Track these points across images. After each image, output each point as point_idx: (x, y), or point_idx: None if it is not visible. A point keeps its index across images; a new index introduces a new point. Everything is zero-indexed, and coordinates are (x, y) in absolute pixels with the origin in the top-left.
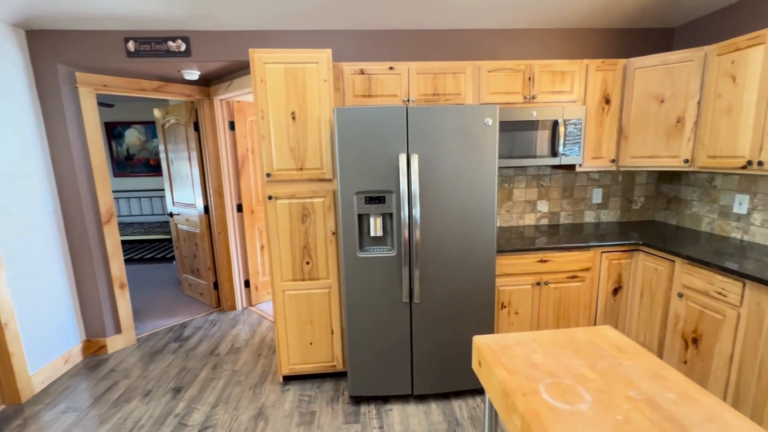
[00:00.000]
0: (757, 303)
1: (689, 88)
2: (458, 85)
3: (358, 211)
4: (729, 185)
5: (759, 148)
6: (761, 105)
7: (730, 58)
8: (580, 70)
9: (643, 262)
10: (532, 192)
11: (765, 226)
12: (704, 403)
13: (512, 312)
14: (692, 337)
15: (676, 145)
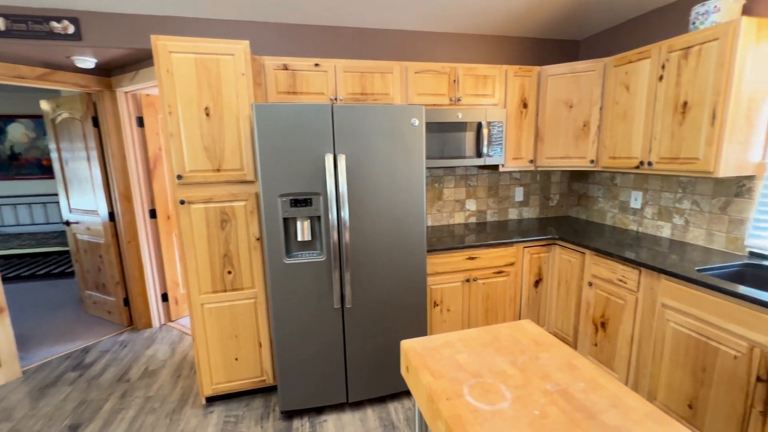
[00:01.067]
0: (650, 288)
1: (593, 95)
2: (386, 85)
3: (284, 215)
4: (626, 183)
5: (648, 149)
6: (648, 112)
7: (624, 69)
8: (500, 75)
9: (559, 255)
10: (460, 191)
11: (654, 218)
12: (609, 389)
13: (444, 309)
14: (601, 322)
15: (583, 146)
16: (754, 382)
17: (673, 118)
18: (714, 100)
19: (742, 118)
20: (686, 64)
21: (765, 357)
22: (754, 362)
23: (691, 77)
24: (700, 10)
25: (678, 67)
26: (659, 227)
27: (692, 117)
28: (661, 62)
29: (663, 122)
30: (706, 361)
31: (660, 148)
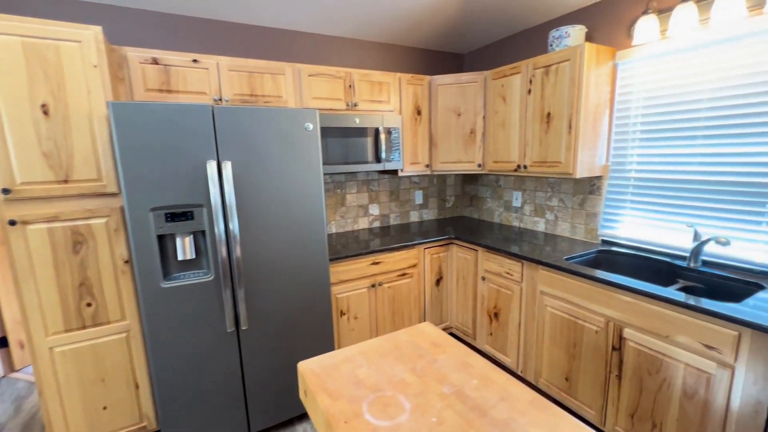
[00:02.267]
0: (531, 278)
1: (477, 105)
2: (278, 87)
3: (158, 232)
4: (508, 184)
5: (523, 154)
6: (521, 121)
7: (501, 82)
8: (395, 82)
9: (456, 253)
10: (363, 196)
11: (532, 215)
12: (499, 382)
13: (351, 318)
14: (494, 312)
15: (471, 152)
16: (610, 351)
17: (540, 127)
18: (569, 112)
19: (589, 128)
20: (548, 80)
21: (617, 329)
22: (609, 335)
23: (552, 92)
24: (555, 34)
25: (542, 82)
26: (536, 222)
27: (555, 126)
28: (528, 77)
29: (533, 130)
30: (576, 337)
31: (532, 153)
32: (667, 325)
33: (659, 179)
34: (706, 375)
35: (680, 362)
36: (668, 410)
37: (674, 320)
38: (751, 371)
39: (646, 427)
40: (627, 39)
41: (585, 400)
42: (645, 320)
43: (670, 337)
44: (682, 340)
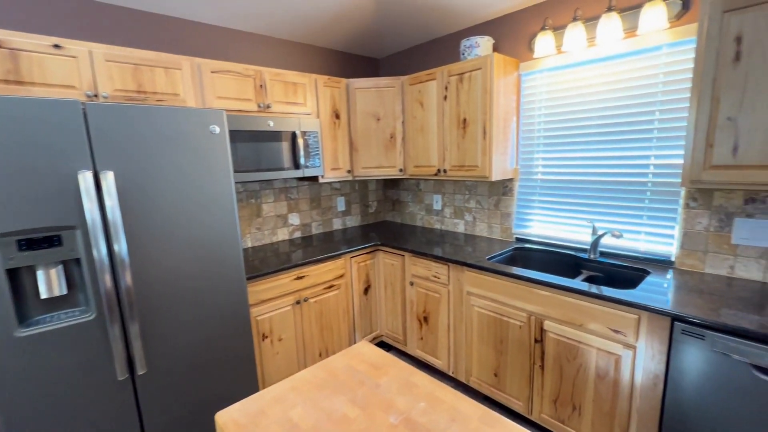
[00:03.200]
0: (458, 279)
1: (395, 110)
2: (174, 83)
3: (8, 265)
4: (429, 188)
5: (443, 159)
6: (440, 126)
7: (418, 88)
8: (311, 83)
9: (383, 259)
10: (282, 205)
11: (452, 217)
12: (446, 401)
13: (275, 340)
14: (423, 316)
15: (392, 156)
16: (533, 343)
17: (457, 132)
18: (483, 118)
19: (501, 133)
20: (462, 87)
21: (538, 323)
22: (532, 328)
23: (466, 98)
24: (466, 43)
25: (457, 89)
26: (456, 224)
27: (471, 131)
28: (444, 84)
29: (451, 136)
30: (502, 334)
31: (451, 157)
32: (580, 314)
33: (562, 181)
34: (614, 356)
35: (593, 347)
36: (585, 392)
37: (586, 309)
38: (649, 349)
39: (567, 411)
40: (529, 52)
41: (513, 392)
42: (561, 312)
43: (584, 326)
44: (593, 327)
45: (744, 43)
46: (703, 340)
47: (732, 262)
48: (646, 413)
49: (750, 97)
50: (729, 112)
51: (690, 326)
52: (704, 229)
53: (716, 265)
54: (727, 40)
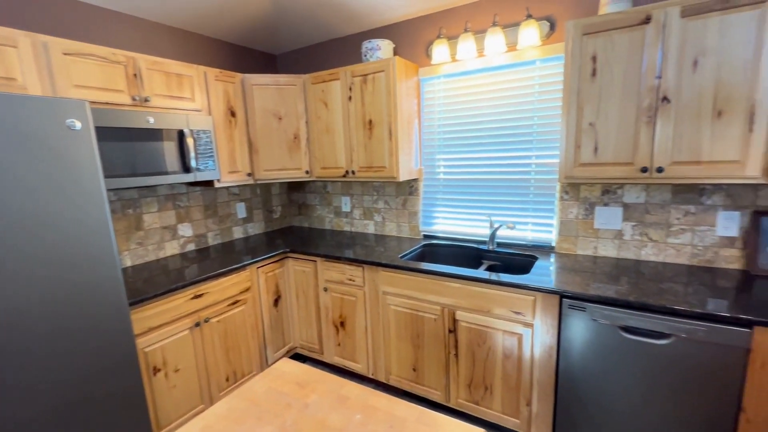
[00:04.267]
0: (372, 280)
1: (298, 109)
2: (8, 65)
3: None
4: (336, 190)
5: (351, 160)
6: (346, 127)
7: (321, 87)
8: (199, 76)
9: (292, 267)
10: (169, 215)
11: (362, 219)
12: (382, 408)
13: (170, 372)
14: (340, 322)
15: (297, 158)
16: (448, 334)
17: (364, 133)
18: (389, 120)
19: (405, 135)
20: (366, 88)
21: (451, 314)
22: (445, 320)
23: (371, 99)
24: (368, 45)
25: (361, 90)
26: (366, 225)
27: (377, 133)
28: (348, 84)
29: (358, 136)
30: (418, 329)
31: (359, 158)
32: (486, 301)
33: (461, 180)
34: (517, 336)
35: (499, 330)
36: (494, 372)
37: (491, 296)
38: (543, 325)
39: (480, 392)
40: (427, 58)
41: (431, 384)
42: (470, 301)
43: (490, 311)
44: (498, 312)
45: (598, 62)
46: (584, 312)
47: (596, 243)
48: (544, 381)
49: (604, 106)
50: (590, 119)
51: (574, 301)
52: (575, 218)
53: (585, 246)
54: (586, 59)
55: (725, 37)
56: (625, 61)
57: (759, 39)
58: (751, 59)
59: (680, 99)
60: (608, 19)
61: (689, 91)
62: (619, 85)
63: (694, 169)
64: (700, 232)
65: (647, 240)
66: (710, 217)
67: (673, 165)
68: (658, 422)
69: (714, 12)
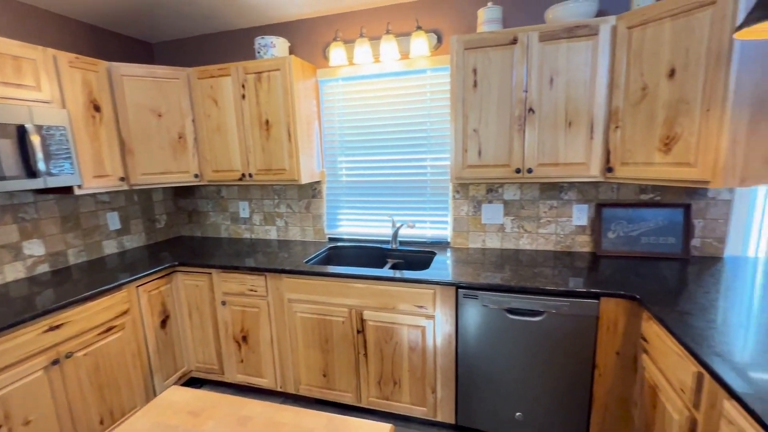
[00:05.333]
0: (277, 288)
1: (182, 106)
2: None
3: None
4: (232, 195)
5: (247, 162)
6: (240, 127)
7: (209, 83)
8: (46, 60)
9: (183, 282)
10: (9, 231)
11: (263, 224)
12: (289, 422)
13: (18, 426)
14: (242, 336)
15: (184, 160)
16: (356, 334)
17: (261, 134)
18: (287, 120)
19: (305, 136)
20: (261, 86)
21: (358, 314)
22: (353, 321)
23: (267, 99)
24: (262, 42)
25: (255, 88)
26: (267, 231)
27: (275, 134)
28: (240, 82)
29: (254, 137)
30: (327, 333)
31: (256, 160)
32: (391, 299)
33: (363, 181)
34: (420, 328)
35: (404, 325)
36: (402, 366)
37: (395, 293)
38: (443, 315)
39: (390, 387)
40: (325, 60)
41: (342, 387)
42: (376, 300)
43: (396, 308)
44: (403, 308)
45: (479, 74)
46: (477, 299)
47: (484, 237)
48: (446, 367)
49: (485, 115)
50: (474, 125)
51: (467, 290)
52: (465, 215)
53: (475, 240)
54: (468, 71)
55: (571, 61)
56: (500, 75)
57: (594, 63)
58: (589, 80)
59: (542, 110)
60: (484, 37)
61: (548, 105)
62: (496, 96)
63: (554, 169)
64: (561, 222)
65: (523, 231)
66: (568, 210)
67: (539, 166)
68: (536, 386)
69: (562, 39)
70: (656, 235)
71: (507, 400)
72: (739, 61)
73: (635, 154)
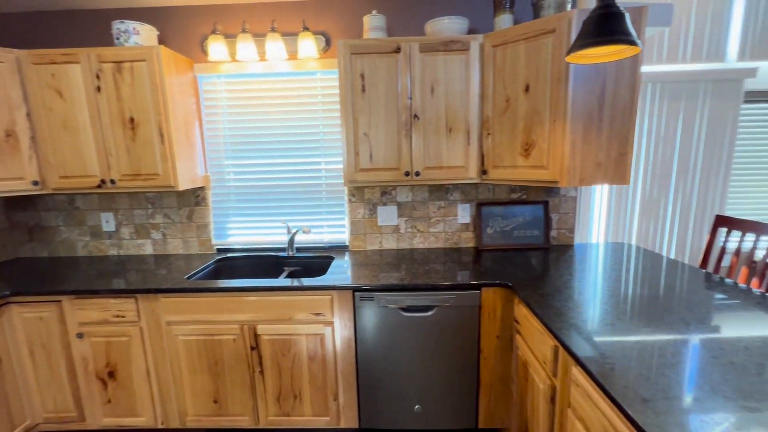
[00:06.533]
0: (152, 311)
1: (12, 96)
2: None
3: None
4: (92, 205)
5: (107, 166)
6: (96, 124)
7: (49, 70)
8: None
9: (20, 316)
10: None
11: (134, 238)
12: None
13: None
14: (107, 372)
15: (16, 164)
16: (250, 351)
17: (124, 134)
18: (158, 119)
19: (183, 137)
20: (122, 78)
21: (251, 330)
22: (246, 338)
23: (130, 93)
24: (121, 27)
25: (114, 80)
26: (141, 246)
27: (143, 133)
28: (94, 71)
29: (116, 137)
30: (216, 354)
31: (119, 164)
32: (287, 309)
33: (254, 186)
34: (319, 336)
35: (302, 335)
36: (302, 378)
37: (291, 303)
38: (341, 320)
39: (290, 402)
40: (203, 54)
41: (237, 411)
42: (271, 312)
43: (292, 318)
44: (300, 317)
45: (366, 79)
46: (373, 300)
47: (380, 239)
48: (347, 371)
49: (374, 119)
50: (364, 129)
51: (364, 293)
52: (362, 217)
53: (372, 242)
54: (356, 75)
55: (449, 72)
56: (386, 81)
57: (467, 76)
58: (465, 90)
59: (426, 117)
60: (369, 43)
61: (430, 111)
62: (383, 101)
63: (439, 172)
64: (448, 221)
65: (416, 231)
66: (454, 209)
67: (426, 169)
68: (431, 377)
69: (440, 52)
70: (525, 228)
71: (406, 395)
72: (574, 81)
73: (504, 158)
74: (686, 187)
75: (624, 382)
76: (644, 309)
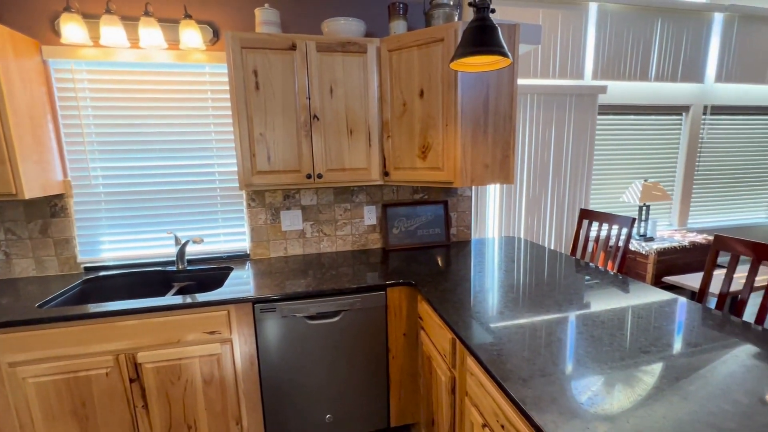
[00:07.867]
0: None
1: None
2: None
3: None
4: None
5: None
6: None
7: None
8: None
9: None
10: None
11: None
12: None
13: None
14: None
15: None
16: (129, 385)
17: None
18: None
19: (29, 136)
20: None
21: (130, 359)
22: (123, 368)
23: None
24: None
25: None
26: None
27: None
28: None
29: None
30: (83, 394)
31: None
32: (175, 330)
33: (132, 192)
34: (215, 356)
35: (195, 357)
36: (196, 405)
37: (179, 323)
38: (241, 335)
39: None
40: (54, 35)
41: None
42: (155, 336)
43: (181, 340)
44: (191, 338)
45: (260, 76)
46: (275, 311)
47: (285, 245)
48: (250, 391)
49: (270, 118)
50: (260, 129)
51: (264, 304)
52: (264, 223)
53: (276, 249)
54: (248, 72)
55: (347, 73)
56: (282, 79)
57: (366, 78)
58: (364, 92)
59: (326, 118)
60: (262, 38)
61: (330, 112)
62: (280, 100)
63: (342, 174)
64: (355, 223)
65: (323, 235)
66: (360, 211)
67: (328, 172)
68: (341, 384)
69: (338, 52)
70: (427, 227)
71: (316, 406)
72: (462, 88)
73: (404, 160)
74: (560, 186)
75: (509, 366)
76: (529, 296)
